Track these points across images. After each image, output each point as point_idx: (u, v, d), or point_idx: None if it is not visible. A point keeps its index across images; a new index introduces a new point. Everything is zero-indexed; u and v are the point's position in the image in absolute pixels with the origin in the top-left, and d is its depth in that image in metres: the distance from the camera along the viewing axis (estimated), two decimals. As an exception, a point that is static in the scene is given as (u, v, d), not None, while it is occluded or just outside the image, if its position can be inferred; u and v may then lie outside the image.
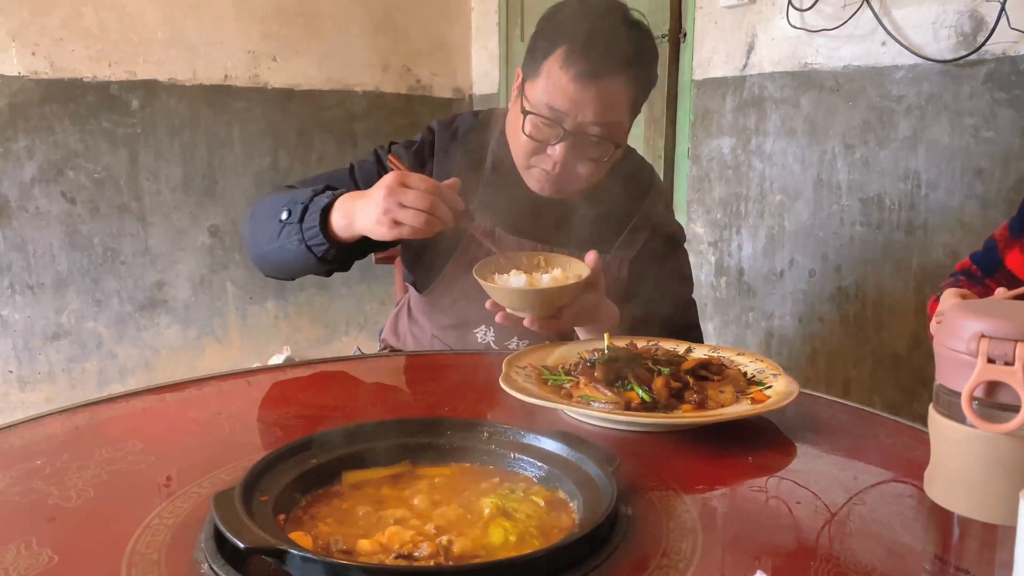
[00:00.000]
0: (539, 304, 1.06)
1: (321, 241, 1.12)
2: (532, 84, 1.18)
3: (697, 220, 2.50)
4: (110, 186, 2.58)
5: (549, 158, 1.19)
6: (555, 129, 1.16)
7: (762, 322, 2.34)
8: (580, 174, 1.21)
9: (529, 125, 1.17)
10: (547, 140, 1.18)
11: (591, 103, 1.13)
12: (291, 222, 1.14)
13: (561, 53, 1.13)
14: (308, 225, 1.12)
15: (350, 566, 0.53)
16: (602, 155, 1.19)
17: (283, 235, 1.15)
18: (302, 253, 1.15)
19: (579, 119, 1.15)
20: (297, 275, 1.27)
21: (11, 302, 2.46)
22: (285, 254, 1.17)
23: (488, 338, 1.33)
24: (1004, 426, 0.48)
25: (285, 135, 2.91)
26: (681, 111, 2.52)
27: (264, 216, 1.21)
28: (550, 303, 1.06)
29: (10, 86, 2.36)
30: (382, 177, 1.07)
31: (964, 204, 1.84)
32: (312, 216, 1.12)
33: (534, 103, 1.17)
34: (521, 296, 1.05)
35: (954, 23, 1.80)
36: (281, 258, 1.19)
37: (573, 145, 1.17)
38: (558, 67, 1.13)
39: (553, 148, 1.18)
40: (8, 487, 0.70)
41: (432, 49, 3.28)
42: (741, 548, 0.62)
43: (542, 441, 0.73)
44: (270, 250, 1.20)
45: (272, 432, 0.88)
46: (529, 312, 1.07)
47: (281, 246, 1.16)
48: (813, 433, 0.88)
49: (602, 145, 1.18)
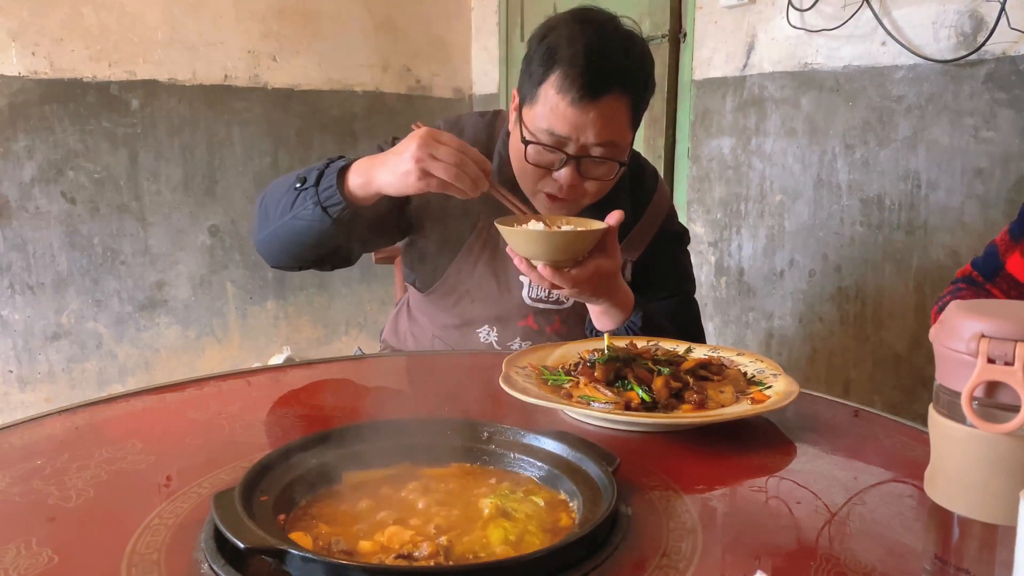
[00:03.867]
0: (555, 248, 1.04)
1: (338, 200, 1.11)
2: (530, 110, 1.17)
3: (697, 220, 2.50)
4: (110, 186, 2.58)
5: (555, 182, 1.18)
6: (558, 155, 1.15)
7: (762, 322, 2.34)
8: (587, 193, 1.21)
9: (532, 153, 1.16)
10: (551, 165, 1.17)
11: (592, 125, 1.12)
12: (307, 187, 1.13)
13: (556, 78, 1.12)
14: (325, 186, 1.12)
15: (350, 566, 0.53)
16: (607, 174, 1.19)
17: (298, 202, 1.15)
18: (316, 217, 1.13)
19: (582, 141, 1.14)
20: (304, 254, 1.24)
21: (11, 302, 2.46)
22: (298, 223, 1.16)
23: (491, 338, 1.33)
24: (1004, 426, 0.48)
25: (285, 135, 2.91)
26: (681, 111, 2.52)
27: (277, 193, 1.20)
28: (566, 248, 1.05)
29: (10, 86, 2.36)
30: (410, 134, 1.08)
31: (964, 204, 1.84)
32: (329, 177, 1.12)
33: (534, 131, 1.16)
34: (538, 239, 1.04)
35: (954, 23, 1.80)
36: (292, 229, 1.17)
37: (578, 168, 1.16)
38: (554, 92, 1.12)
39: (558, 173, 1.17)
40: (8, 487, 0.70)
41: (432, 49, 3.28)
42: (741, 548, 0.62)
43: (542, 441, 0.73)
44: (281, 224, 1.18)
45: (272, 432, 0.88)
46: (545, 257, 1.05)
47: (295, 215, 1.15)
48: (813, 433, 0.88)
49: (607, 165, 1.18)
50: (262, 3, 2.80)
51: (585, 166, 1.17)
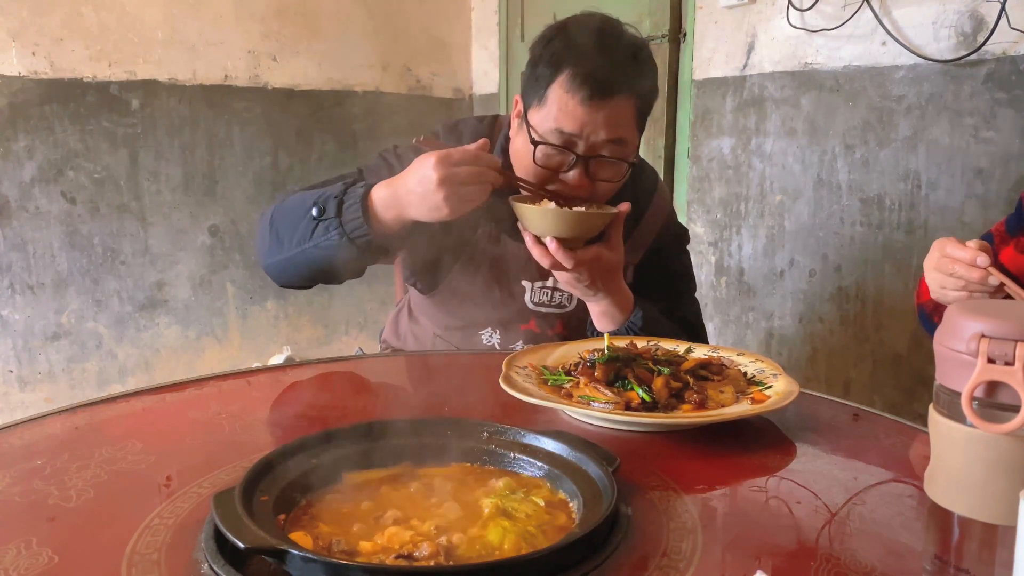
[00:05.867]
0: (565, 224, 1.09)
1: (366, 231, 1.10)
2: (537, 112, 1.17)
3: (697, 220, 2.50)
4: (110, 186, 2.58)
5: (563, 185, 1.18)
6: (567, 155, 1.16)
7: (762, 322, 2.34)
8: (595, 195, 1.21)
9: (540, 155, 1.16)
10: (560, 166, 1.17)
11: (601, 124, 1.13)
12: (327, 218, 1.12)
13: (565, 78, 1.13)
14: (350, 217, 1.10)
15: (350, 566, 0.53)
16: (616, 175, 1.19)
17: (318, 232, 1.13)
18: (343, 246, 1.12)
19: (591, 140, 1.14)
20: (319, 280, 1.26)
21: (11, 302, 2.46)
22: (320, 252, 1.14)
23: (493, 340, 1.33)
24: (1004, 426, 0.48)
25: (285, 135, 2.91)
26: (681, 111, 2.52)
27: (290, 220, 1.18)
28: (576, 226, 1.09)
29: (10, 86, 2.36)
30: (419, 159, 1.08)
31: (964, 204, 1.84)
32: (352, 208, 1.11)
33: (542, 132, 1.16)
34: (550, 214, 1.09)
35: (954, 23, 1.80)
36: (312, 257, 1.16)
37: (586, 170, 1.17)
38: (564, 92, 1.13)
39: (567, 175, 1.17)
40: (8, 487, 0.70)
41: (432, 49, 3.28)
42: (741, 548, 0.62)
43: (542, 441, 0.73)
44: (300, 252, 1.16)
45: (272, 432, 0.88)
46: (554, 232, 1.09)
47: (316, 244, 1.14)
48: (813, 433, 0.88)
49: (615, 166, 1.18)
50: (262, 3, 2.79)
51: (594, 167, 1.17)
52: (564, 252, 1.08)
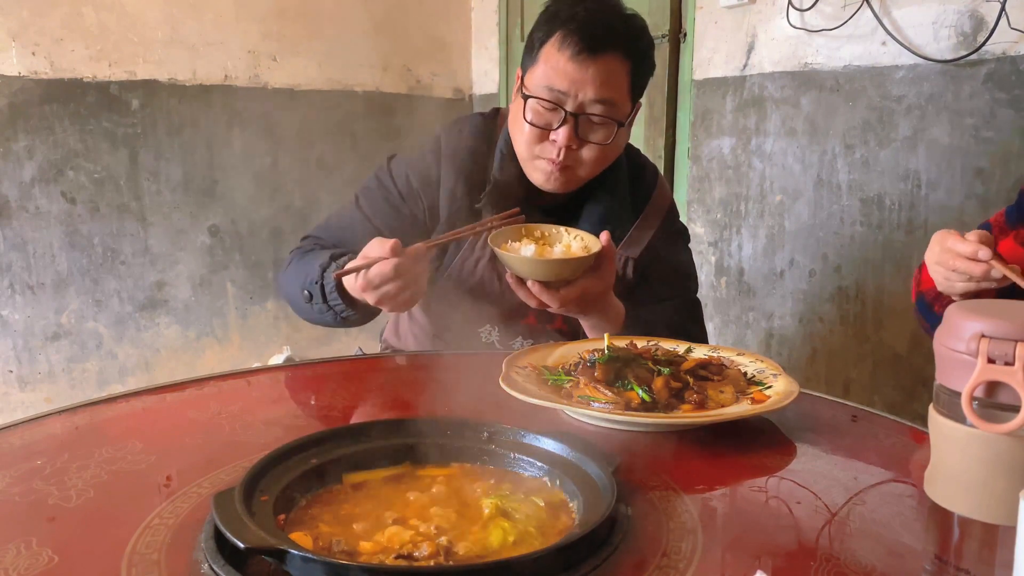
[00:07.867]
0: (544, 273, 1.08)
1: (352, 312, 1.19)
2: (531, 72, 1.20)
3: (697, 220, 2.50)
4: (110, 186, 2.58)
5: (553, 145, 1.19)
6: (557, 112, 1.17)
7: (762, 322, 2.34)
8: (584, 160, 1.21)
9: (530, 111, 1.19)
10: (549, 124, 1.19)
11: (591, 81, 1.15)
12: (317, 303, 1.20)
13: (557, 37, 1.16)
14: (334, 302, 1.18)
15: (350, 566, 0.53)
16: (605, 137, 1.20)
17: (316, 311, 1.22)
18: (340, 323, 1.23)
19: (580, 98, 1.16)
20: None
21: (11, 302, 2.46)
22: (324, 321, 1.25)
23: (492, 337, 1.33)
24: (1004, 426, 0.48)
25: (285, 135, 2.91)
26: (681, 111, 2.52)
27: (290, 293, 1.28)
28: (556, 272, 1.09)
29: (10, 86, 2.36)
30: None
31: (964, 204, 1.84)
32: (333, 296, 1.18)
33: (533, 88, 1.18)
34: (529, 264, 1.08)
35: (954, 23, 1.80)
36: (322, 322, 1.26)
37: (576, 128, 1.18)
38: (555, 50, 1.16)
39: (556, 132, 1.18)
40: (8, 487, 0.70)
41: (432, 49, 3.28)
42: (741, 548, 0.62)
43: (542, 441, 0.73)
44: (310, 318, 1.27)
45: (272, 432, 0.88)
46: (534, 277, 1.09)
47: (320, 319, 1.24)
48: (813, 433, 0.88)
49: (605, 126, 1.19)
50: (262, 3, 2.79)
51: (583, 127, 1.19)
52: (548, 293, 1.09)
